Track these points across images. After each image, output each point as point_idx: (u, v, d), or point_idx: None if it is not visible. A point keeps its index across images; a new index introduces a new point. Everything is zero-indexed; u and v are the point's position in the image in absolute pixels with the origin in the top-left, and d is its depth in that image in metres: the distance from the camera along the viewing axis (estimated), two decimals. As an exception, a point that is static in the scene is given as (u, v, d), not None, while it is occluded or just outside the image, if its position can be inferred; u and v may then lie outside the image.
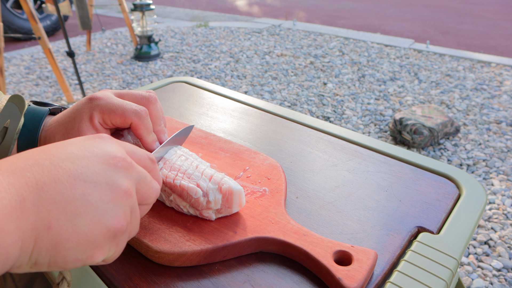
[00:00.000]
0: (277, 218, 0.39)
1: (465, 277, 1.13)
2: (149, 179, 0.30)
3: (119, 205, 0.26)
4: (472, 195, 0.46)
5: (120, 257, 0.38)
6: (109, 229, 0.25)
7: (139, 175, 0.29)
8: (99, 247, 0.25)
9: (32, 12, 2.04)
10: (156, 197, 0.32)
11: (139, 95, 0.40)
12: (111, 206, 0.25)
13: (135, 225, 0.29)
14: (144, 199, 0.30)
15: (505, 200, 1.42)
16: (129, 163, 0.28)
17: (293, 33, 3.67)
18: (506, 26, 4.05)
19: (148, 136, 0.40)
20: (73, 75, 2.71)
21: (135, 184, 0.28)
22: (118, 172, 0.27)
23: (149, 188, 0.30)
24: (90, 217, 0.24)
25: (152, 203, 0.32)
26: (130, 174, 0.28)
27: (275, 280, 0.35)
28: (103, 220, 0.25)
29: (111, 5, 5.39)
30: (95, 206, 0.25)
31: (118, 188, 0.26)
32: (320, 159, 0.53)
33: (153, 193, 0.31)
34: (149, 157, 0.32)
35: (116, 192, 0.26)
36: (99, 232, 0.25)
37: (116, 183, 0.26)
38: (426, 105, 1.92)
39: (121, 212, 0.26)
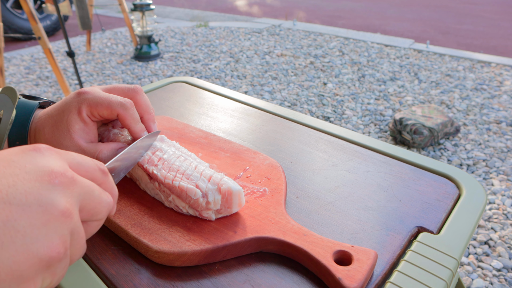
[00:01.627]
0: (277, 218, 0.39)
1: (465, 277, 1.13)
2: (98, 193, 0.27)
3: (54, 229, 0.22)
4: (472, 195, 0.46)
5: (120, 257, 0.38)
6: (41, 259, 0.22)
7: (84, 190, 0.26)
8: (28, 281, 0.22)
9: (32, 12, 2.04)
10: (108, 211, 0.29)
11: (125, 88, 0.42)
12: (44, 231, 0.22)
13: (78, 248, 0.26)
14: (92, 215, 0.27)
15: (505, 200, 1.42)
16: (69, 178, 0.25)
17: (293, 33, 3.67)
18: (506, 26, 4.05)
19: (136, 126, 0.41)
20: (73, 75, 2.71)
21: (79, 201, 0.25)
22: (55, 190, 0.23)
23: (98, 203, 0.27)
24: (16, 247, 0.21)
25: (104, 218, 0.29)
26: (70, 191, 0.24)
27: (275, 280, 0.35)
28: (33, 249, 0.21)
29: (111, 5, 5.39)
30: (22, 233, 0.21)
31: (53, 209, 0.23)
32: (320, 159, 0.53)
33: (104, 207, 0.28)
34: (100, 167, 0.29)
35: (51, 214, 0.22)
36: (28, 264, 0.21)
37: (50, 204, 0.23)
38: (426, 105, 1.92)
39: (57, 238, 0.23)
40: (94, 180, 0.28)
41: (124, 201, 0.42)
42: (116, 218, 0.40)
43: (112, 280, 0.35)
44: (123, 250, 0.39)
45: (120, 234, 0.40)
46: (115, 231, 0.40)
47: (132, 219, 0.40)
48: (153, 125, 0.44)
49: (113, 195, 0.30)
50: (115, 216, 0.40)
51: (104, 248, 0.39)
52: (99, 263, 0.37)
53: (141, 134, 0.41)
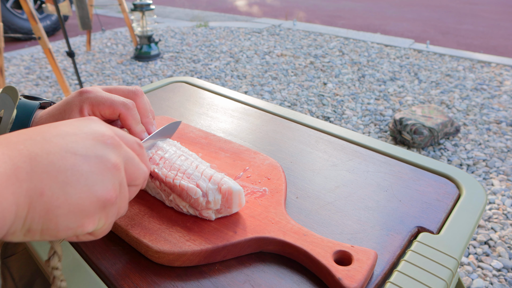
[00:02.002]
0: (277, 218, 0.39)
1: (465, 277, 1.13)
2: (137, 160, 0.31)
3: (108, 177, 0.27)
4: (472, 195, 0.46)
5: (120, 257, 0.38)
6: (99, 199, 0.26)
7: (127, 155, 0.30)
8: (89, 216, 0.26)
9: (32, 12, 2.04)
10: (144, 180, 0.33)
11: (126, 90, 0.43)
12: (101, 177, 0.26)
13: (123, 202, 0.30)
14: (132, 179, 0.31)
15: (505, 200, 1.42)
16: (117, 142, 0.29)
17: (293, 33, 3.67)
18: (506, 26, 4.05)
19: (137, 126, 0.42)
20: (73, 75, 2.71)
21: (124, 162, 0.29)
22: (107, 148, 0.28)
23: (137, 169, 0.31)
24: (81, 186, 0.25)
25: (140, 185, 0.33)
26: (118, 151, 0.29)
27: (275, 280, 0.35)
28: (93, 190, 0.26)
29: (111, 5, 5.39)
30: (85, 176, 0.26)
31: (108, 162, 0.27)
32: (320, 159, 0.53)
33: (141, 174, 0.32)
34: (137, 141, 0.33)
35: (106, 165, 0.27)
36: (89, 202, 0.26)
37: (105, 157, 0.27)
38: (426, 105, 1.92)
39: (110, 184, 0.27)
40: (133, 150, 0.32)
41: (124, 201, 0.42)
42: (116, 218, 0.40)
43: (112, 280, 0.35)
44: (123, 250, 0.39)
45: (120, 234, 0.40)
46: (115, 231, 0.40)
47: (132, 219, 0.40)
48: (151, 127, 0.45)
49: (147, 167, 0.34)
50: (115, 216, 0.40)
51: (104, 248, 0.39)
52: (99, 263, 0.37)
53: (141, 135, 0.42)
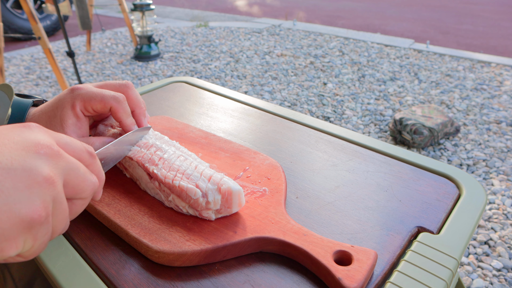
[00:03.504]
0: (277, 218, 0.39)
1: (465, 277, 1.13)
2: (83, 171, 0.28)
3: (37, 193, 0.24)
4: (472, 195, 0.46)
5: (120, 257, 0.38)
6: (23, 219, 0.23)
7: (69, 165, 0.27)
8: (10, 239, 0.23)
9: (32, 12, 2.04)
10: (91, 192, 0.30)
11: (116, 84, 0.44)
12: (27, 194, 0.23)
13: (60, 219, 0.27)
14: (75, 192, 0.28)
15: (505, 200, 1.42)
16: (55, 151, 0.26)
17: (293, 33, 3.67)
18: (506, 26, 4.05)
19: (127, 119, 0.42)
20: (73, 75, 2.71)
21: (63, 174, 0.26)
22: (40, 159, 0.25)
23: (82, 181, 0.28)
24: (0, 205, 0.22)
25: (88, 197, 0.30)
26: (55, 163, 0.26)
27: (275, 280, 0.35)
28: (15, 209, 0.23)
29: (111, 5, 5.39)
30: (6, 193, 0.23)
31: (37, 175, 0.24)
32: (320, 159, 0.53)
33: (88, 186, 0.29)
34: (87, 150, 0.30)
35: (34, 179, 0.24)
36: (9, 222, 0.23)
37: (35, 170, 0.24)
38: (426, 105, 1.92)
39: (39, 201, 0.24)
40: (81, 160, 0.29)
41: (124, 201, 0.42)
42: (116, 218, 0.40)
43: (112, 280, 0.35)
44: (123, 250, 0.39)
45: (120, 234, 0.40)
46: (115, 231, 0.40)
47: (132, 219, 0.40)
48: (143, 119, 0.45)
49: (99, 178, 0.31)
50: (115, 216, 0.40)
51: (104, 248, 0.39)
52: (99, 263, 0.37)
53: (131, 127, 0.43)
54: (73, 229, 0.42)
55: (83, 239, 0.40)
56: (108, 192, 0.44)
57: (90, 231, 0.41)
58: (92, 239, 0.40)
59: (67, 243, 0.40)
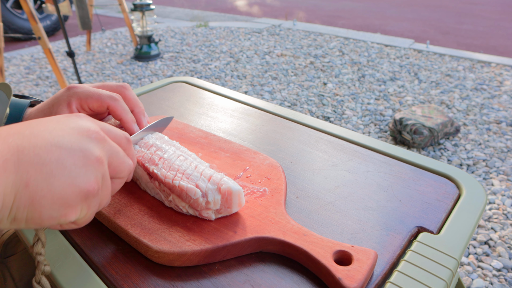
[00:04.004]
0: (277, 218, 0.39)
1: (465, 277, 1.13)
2: (122, 154, 0.33)
3: (91, 170, 0.28)
4: (472, 195, 0.46)
5: (120, 257, 0.38)
6: (81, 191, 0.28)
7: (112, 149, 0.31)
8: (71, 207, 0.27)
9: (32, 12, 2.04)
10: (128, 172, 0.34)
11: (113, 85, 0.45)
12: (84, 170, 0.28)
13: (106, 194, 0.31)
14: (116, 172, 0.32)
15: (505, 200, 1.42)
16: (102, 136, 0.31)
17: (293, 33, 3.67)
18: (506, 26, 4.05)
19: (127, 116, 0.43)
20: (73, 75, 2.70)
21: (108, 156, 0.31)
22: (91, 142, 0.29)
23: (121, 163, 0.32)
24: (64, 178, 0.27)
25: (125, 177, 0.34)
26: (102, 146, 0.30)
27: (275, 280, 0.35)
28: (76, 182, 0.27)
29: (111, 5, 5.39)
30: (69, 169, 0.27)
31: (91, 155, 0.29)
32: (320, 159, 0.53)
33: (126, 167, 0.33)
34: (125, 136, 0.34)
35: (89, 159, 0.28)
36: (72, 193, 0.27)
37: (89, 151, 0.29)
38: (426, 105, 1.92)
39: (93, 177, 0.28)
40: (120, 145, 0.34)
41: (124, 201, 0.42)
42: (116, 218, 0.40)
43: (112, 280, 0.35)
44: (123, 250, 0.39)
45: (120, 234, 0.40)
46: (115, 231, 0.40)
47: (132, 219, 0.40)
48: (143, 117, 0.46)
49: (133, 161, 0.36)
50: (115, 216, 0.40)
51: (104, 248, 0.39)
52: (99, 263, 0.37)
53: (132, 124, 0.44)
54: (73, 229, 0.42)
55: (83, 239, 0.40)
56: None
57: (90, 231, 0.41)
58: (92, 239, 0.40)
59: (67, 243, 0.40)
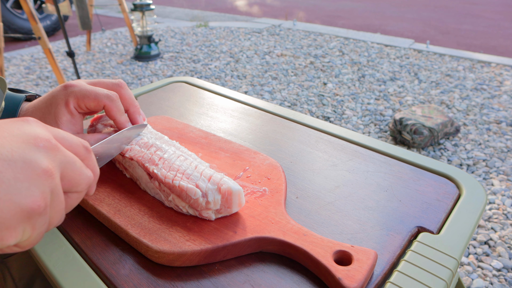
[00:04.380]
0: (277, 218, 0.39)
1: (465, 277, 1.13)
2: (79, 165, 0.29)
3: (36, 184, 0.25)
4: (472, 195, 0.46)
5: (120, 257, 0.38)
6: (23, 209, 0.24)
7: (66, 159, 0.28)
8: (10, 228, 0.24)
9: (32, 12, 2.04)
10: (87, 186, 0.30)
11: (109, 83, 0.44)
12: (26, 185, 0.24)
13: (57, 211, 0.28)
14: (72, 185, 0.29)
15: (505, 200, 1.42)
16: (53, 145, 0.27)
17: (293, 33, 3.67)
18: (506, 26, 4.05)
19: (121, 117, 0.43)
20: (73, 75, 2.70)
21: (60, 168, 0.27)
22: (39, 152, 0.26)
23: (78, 175, 0.29)
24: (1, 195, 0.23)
25: (83, 191, 0.30)
26: (53, 156, 0.27)
27: (275, 280, 0.35)
28: (15, 199, 0.24)
29: (111, 5, 5.39)
30: (7, 184, 0.23)
31: (37, 167, 0.25)
32: (320, 159, 0.53)
33: (83, 180, 0.29)
34: (83, 144, 0.31)
35: (34, 171, 0.25)
36: (10, 212, 0.23)
37: (34, 162, 0.25)
38: (426, 105, 1.92)
39: (38, 192, 0.25)
40: (77, 154, 0.30)
41: (124, 201, 0.43)
42: (116, 218, 0.40)
43: (112, 280, 0.35)
44: (123, 250, 0.39)
45: (120, 234, 0.40)
46: (115, 231, 0.40)
47: (132, 219, 0.40)
48: (138, 117, 0.46)
49: (94, 173, 0.32)
50: (115, 216, 0.40)
51: (104, 248, 0.39)
52: (99, 263, 0.37)
53: (125, 125, 0.43)
54: (73, 229, 0.42)
55: (83, 239, 0.40)
56: (109, 192, 0.44)
57: (90, 231, 0.41)
58: (92, 239, 0.40)
59: (67, 243, 0.40)
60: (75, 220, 0.43)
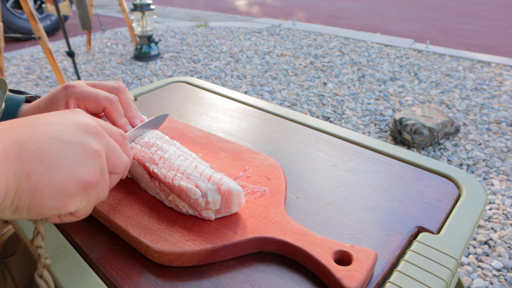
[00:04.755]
0: (277, 218, 0.39)
1: (465, 277, 1.13)
2: (119, 150, 0.34)
3: (90, 163, 0.29)
4: (472, 195, 0.46)
5: (120, 257, 0.38)
6: (81, 182, 0.28)
7: (109, 144, 0.32)
8: (71, 197, 0.28)
9: (32, 12, 2.04)
10: (125, 168, 0.35)
11: (109, 86, 0.45)
12: (83, 162, 0.29)
13: (104, 187, 0.32)
14: (113, 167, 0.33)
15: (505, 200, 1.42)
16: (100, 131, 0.32)
17: (293, 33, 3.67)
18: (506, 26, 4.05)
19: (121, 119, 0.44)
20: (73, 75, 2.70)
21: (105, 150, 0.32)
22: (90, 136, 0.30)
23: (118, 158, 0.33)
24: (65, 170, 0.28)
25: (121, 173, 0.35)
26: (100, 140, 0.31)
27: (275, 280, 0.35)
28: (76, 173, 0.28)
29: (111, 5, 5.39)
30: (69, 161, 0.28)
31: (90, 148, 0.29)
32: (320, 159, 0.53)
33: (122, 163, 0.34)
34: (121, 133, 0.35)
35: (88, 152, 0.29)
36: (72, 183, 0.28)
37: (88, 144, 0.30)
38: (426, 105, 1.92)
39: (92, 169, 0.29)
40: (116, 140, 0.34)
41: (124, 201, 0.43)
42: (116, 218, 0.40)
43: (112, 280, 0.35)
44: (123, 250, 0.39)
45: (120, 234, 0.40)
46: (115, 231, 0.40)
47: (132, 219, 0.40)
48: (135, 120, 0.46)
49: (129, 157, 0.36)
50: (115, 216, 0.40)
51: (104, 248, 0.39)
52: (99, 263, 0.37)
53: (125, 128, 0.44)
54: (73, 229, 0.42)
55: (83, 239, 0.40)
56: (108, 192, 0.44)
57: (90, 231, 0.41)
58: (92, 239, 0.40)
59: (67, 243, 0.40)
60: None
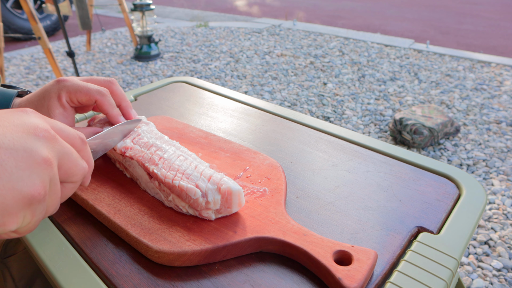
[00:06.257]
0: (277, 218, 0.39)
1: (465, 277, 1.13)
2: (75, 156, 0.30)
3: (37, 173, 0.26)
4: (472, 195, 0.46)
5: (120, 257, 0.38)
6: (24, 196, 0.25)
7: (63, 149, 0.28)
8: (11, 214, 0.25)
9: (32, 12, 2.04)
10: (82, 176, 0.31)
11: (101, 79, 0.45)
12: (28, 173, 0.25)
13: (54, 200, 0.28)
14: (68, 176, 0.30)
15: (505, 200, 1.42)
16: (52, 135, 0.28)
17: (293, 33, 3.67)
18: (506, 26, 4.05)
19: (113, 110, 0.44)
20: (73, 75, 2.70)
21: (58, 157, 0.28)
22: (39, 141, 0.26)
23: (74, 165, 0.30)
24: (3, 182, 0.24)
25: (78, 182, 0.31)
26: (52, 146, 0.27)
27: (275, 280, 0.35)
28: (17, 186, 0.24)
29: (111, 5, 5.39)
30: (9, 172, 0.24)
31: (37, 156, 0.26)
32: (320, 159, 0.53)
33: (79, 170, 0.30)
34: (79, 136, 0.32)
35: (34, 160, 0.25)
36: (12, 198, 0.24)
37: (34, 151, 0.26)
38: (426, 105, 1.92)
39: (39, 180, 0.26)
40: (73, 145, 0.31)
41: (124, 201, 0.42)
42: (116, 218, 0.40)
43: (112, 280, 0.35)
44: (123, 250, 0.39)
45: (120, 234, 0.40)
46: (115, 231, 0.40)
47: (132, 219, 0.40)
48: (131, 111, 0.47)
49: (89, 164, 0.33)
50: (115, 216, 0.40)
51: (104, 248, 0.39)
52: (99, 263, 0.37)
53: (118, 118, 0.44)
54: (73, 229, 0.42)
55: (83, 239, 0.40)
56: (108, 192, 0.44)
57: (90, 231, 0.41)
58: (92, 239, 0.40)
59: (67, 243, 0.40)
60: (75, 220, 0.43)
